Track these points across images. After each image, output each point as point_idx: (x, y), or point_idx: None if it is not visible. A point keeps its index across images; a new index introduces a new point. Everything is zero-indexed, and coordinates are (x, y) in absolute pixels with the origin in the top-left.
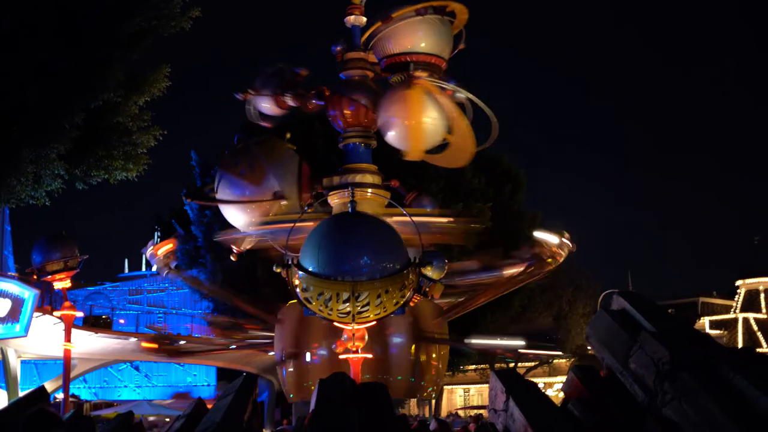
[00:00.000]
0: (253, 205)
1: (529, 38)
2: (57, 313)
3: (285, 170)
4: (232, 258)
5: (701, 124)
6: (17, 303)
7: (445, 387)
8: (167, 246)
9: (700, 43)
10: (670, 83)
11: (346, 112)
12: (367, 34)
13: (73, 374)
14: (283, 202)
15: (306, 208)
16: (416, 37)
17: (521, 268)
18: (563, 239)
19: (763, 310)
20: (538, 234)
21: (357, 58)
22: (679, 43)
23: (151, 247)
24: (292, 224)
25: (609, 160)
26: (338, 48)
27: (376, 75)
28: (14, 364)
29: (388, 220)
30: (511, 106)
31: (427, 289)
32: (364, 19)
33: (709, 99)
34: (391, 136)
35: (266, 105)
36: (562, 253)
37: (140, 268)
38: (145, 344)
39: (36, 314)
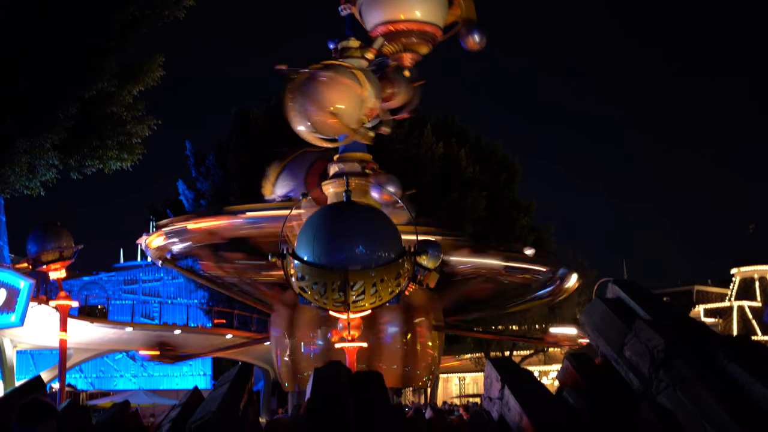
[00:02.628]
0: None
1: (526, 36)
2: (52, 303)
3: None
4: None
5: (698, 117)
6: (12, 293)
7: (440, 375)
8: (158, 238)
9: (697, 41)
10: (669, 79)
11: None
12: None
13: (69, 364)
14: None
15: (301, 197)
16: (408, 4)
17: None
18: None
19: (758, 298)
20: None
21: (352, 47)
22: (677, 42)
23: (145, 239)
24: (287, 212)
25: (605, 150)
26: (336, 43)
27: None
28: (10, 354)
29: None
30: (508, 99)
31: (422, 278)
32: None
33: (708, 93)
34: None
35: None
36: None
37: (135, 258)
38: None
39: (31, 304)
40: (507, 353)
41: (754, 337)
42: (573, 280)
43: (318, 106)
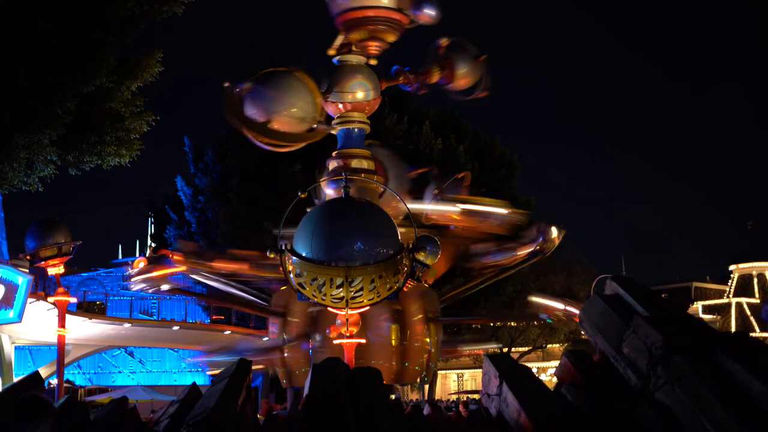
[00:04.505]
0: None
1: (530, 38)
2: (51, 299)
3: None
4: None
5: (699, 116)
6: (11, 289)
7: (438, 372)
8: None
9: (697, 42)
10: (670, 79)
11: None
12: None
13: (67, 360)
14: None
15: (299, 193)
16: None
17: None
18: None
19: (756, 295)
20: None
21: (351, 42)
22: (678, 43)
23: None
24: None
25: (605, 147)
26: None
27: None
28: (8, 350)
29: None
30: (506, 93)
31: (421, 275)
32: None
33: (708, 91)
34: None
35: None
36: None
37: (134, 254)
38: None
39: (30, 300)
40: (505, 350)
41: (752, 334)
42: (554, 233)
43: (250, 124)
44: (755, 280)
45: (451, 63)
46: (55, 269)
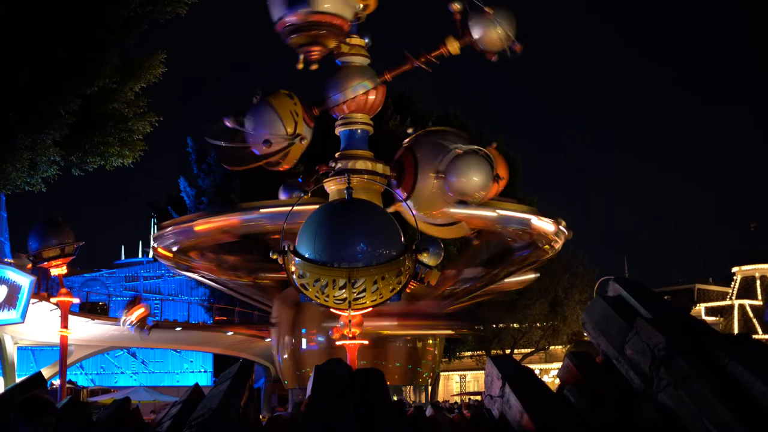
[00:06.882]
0: None
1: (536, 41)
2: (53, 300)
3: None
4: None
5: (701, 116)
6: (14, 289)
7: (441, 373)
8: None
9: (697, 39)
10: (672, 80)
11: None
12: None
13: (69, 361)
14: None
15: (302, 195)
16: None
17: (519, 261)
18: (560, 227)
19: (759, 297)
20: (536, 221)
21: (354, 44)
22: (677, 40)
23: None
24: (289, 209)
25: (608, 148)
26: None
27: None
28: (11, 350)
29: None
30: (507, 91)
31: (423, 276)
32: (361, 5)
33: (709, 94)
34: None
35: None
36: (559, 240)
37: (137, 255)
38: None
39: (32, 301)
40: (508, 351)
41: (754, 336)
42: (550, 227)
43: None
44: (758, 282)
45: (466, 27)
46: (57, 270)
